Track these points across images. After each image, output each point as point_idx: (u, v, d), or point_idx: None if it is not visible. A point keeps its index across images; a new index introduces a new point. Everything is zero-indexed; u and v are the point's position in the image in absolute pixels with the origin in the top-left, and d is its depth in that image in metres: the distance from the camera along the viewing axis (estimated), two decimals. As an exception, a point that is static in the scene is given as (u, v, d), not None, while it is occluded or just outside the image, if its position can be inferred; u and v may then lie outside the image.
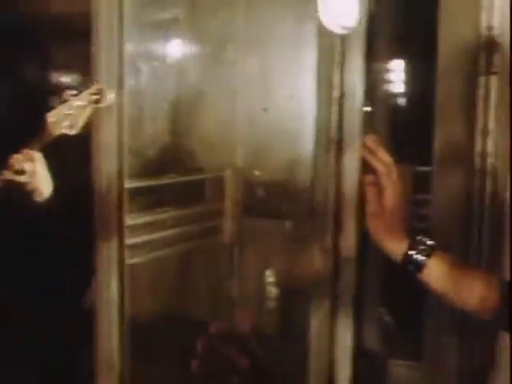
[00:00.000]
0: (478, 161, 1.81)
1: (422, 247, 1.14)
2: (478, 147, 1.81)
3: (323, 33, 1.95)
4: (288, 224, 2.17)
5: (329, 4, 1.57)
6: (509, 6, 1.69)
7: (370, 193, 1.09)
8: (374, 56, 2.12)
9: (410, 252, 1.14)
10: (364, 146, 1.11)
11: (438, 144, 1.89)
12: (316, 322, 2.03)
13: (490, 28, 1.74)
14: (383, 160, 1.09)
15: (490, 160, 1.80)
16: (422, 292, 1.98)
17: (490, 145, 1.79)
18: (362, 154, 1.10)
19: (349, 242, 2.01)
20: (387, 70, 2.22)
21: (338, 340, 1.91)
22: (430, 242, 1.14)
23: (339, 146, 1.99)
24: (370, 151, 1.10)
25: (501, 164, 1.81)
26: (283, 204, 2.23)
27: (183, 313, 2.10)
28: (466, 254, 1.81)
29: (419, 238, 1.14)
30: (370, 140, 1.10)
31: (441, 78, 1.89)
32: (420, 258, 1.14)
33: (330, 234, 1.94)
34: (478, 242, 1.84)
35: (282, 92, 2.15)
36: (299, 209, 2.15)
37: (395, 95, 2.29)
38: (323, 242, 1.97)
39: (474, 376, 1.92)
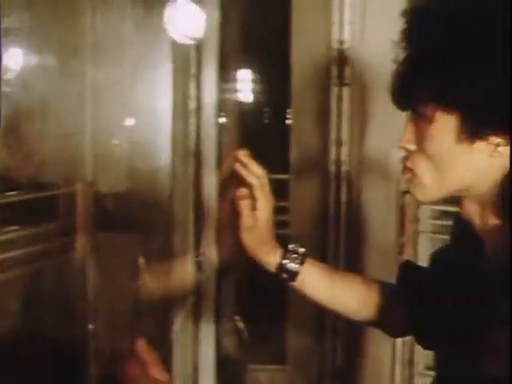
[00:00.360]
0: (332, 168, 1.90)
1: (295, 255, 1.16)
2: (333, 155, 1.89)
3: (178, 44, 1.94)
4: (146, 236, 2.13)
5: (174, 14, 1.57)
6: (359, 20, 1.80)
7: (244, 206, 1.09)
8: (229, 68, 2.15)
9: (284, 261, 1.16)
10: (236, 159, 1.11)
11: (293, 153, 1.96)
12: (180, 330, 2.02)
13: (340, 42, 1.84)
14: (256, 173, 1.10)
15: (344, 167, 1.89)
16: (285, 299, 2.03)
17: (343, 153, 1.89)
18: (235, 168, 1.10)
19: (209, 253, 2.01)
20: (242, 82, 2.25)
21: (201, 347, 1.91)
22: (301, 250, 1.17)
23: (197, 158, 1.99)
24: (243, 164, 1.11)
25: (354, 171, 1.91)
26: (142, 216, 2.18)
27: (34, 333, 1.98)
28: (324, 259, 1.88)
29: (291, 246, 1.16)
30: (242, 154, 1.11)
31: (294, 90, 1.95)
32: (293, 266, 1.16)
33: (190, 245, 1.93)
34: (335, 247, 1.92)
35: (138, 103, 2.11)
36: (158, 221, 2.11)
37: (251, 106, 2.33)
38: (184, 254, 1.96)
39: (335, 376, 2.01)
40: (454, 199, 0.98)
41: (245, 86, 2.32)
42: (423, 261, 2.02)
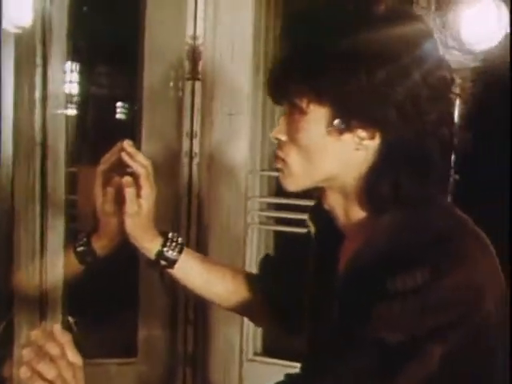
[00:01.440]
0: (185, 161, 1.94)
1: (174, 244, 1.20)
2: (185, 148, 1.94)
3: (21, 34, 1.89)
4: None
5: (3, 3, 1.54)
6: (211, 16, 1.85)
7: (129, 193, 1.11)
8: (77, 59, 2.12)
9: (164, 249, 1.20)
10: (121, 149, 1.13)
11: (145, 145, 1.97)
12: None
13: (194, 37, 1.88)
14: (141, 162, 1.13)
15: (196, 160, 1.93)
16: (136, 289, 2.04)
17: (195, 146, 1.93)
18: (121, 157, 1.12)
19: (55, 245, 1.96)
20: (92, 74, 2.22)
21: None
22: (180, 239, 1.21)
23: (43, 149, 1.94)
24: (128, 154, 1.13)
25: (204, 163, 1.96)
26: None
27: None
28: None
29: (171, 235, 1.20)
30: (127, 144, 1.13)
31: (146, 84, 1.97)
32: (172, 253, 1.21)
33: (36, 241, 1.88)
34: (186, 238, 1.96)
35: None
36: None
37: (102, 98, 2.31)
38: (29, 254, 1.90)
39: (186, 364, 2.04)
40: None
41: (95, 78, 2.29)
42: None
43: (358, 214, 0.98)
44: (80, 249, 1.24)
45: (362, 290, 0.92)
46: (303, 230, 1.31)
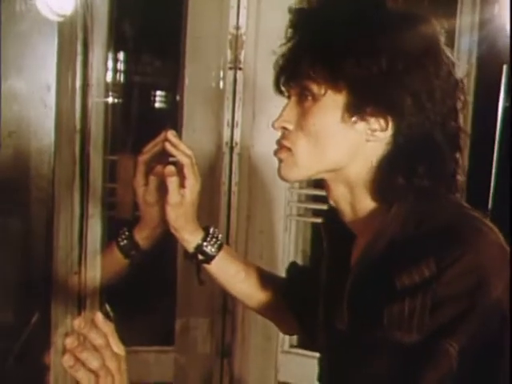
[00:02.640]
0: (226, 151, 1.93)
1: (214, 240, 1.19)
2: (226, 138, 1.93)
3: (64, 21, 1.90)
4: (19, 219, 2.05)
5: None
6: (254, 5, 1.84)
7: (172, 183, 1.11)
8: (119, 48, 2.12)
9: (204, 243, 1.19)
10: (165, 139, 1.12)
11: (185, 134, 1.97)
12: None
13: (236, 26, 1.87)
14: (186, 152, 1.12)
15: (236, 150, 1.93)
16: (173, 279, 2.04)
17: (236, 136, 1.93)
18: (165, 147, 1.12)
19: (94, 234, 1.97)
20: (133, 63, 2.23)
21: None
22: (220, 236, 1.21)
23: (83, 137, 1.95)
24: (172, 144, 1.12)
25: (245, 153, 1.95)
26: (17, 196, 2.10)
27: None
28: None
29: (212, 230, 1.19)
30: (171, 134, 1.12)
31: (188, 73, 1.97)
32: (211, 249, 1.20)
33: (75, 229, 1.89)
34: (227, 229, 1.96)
35: (17, 80, 2.03)
36: (37, 200, 2.04)
37: (143, 87, 2.32)
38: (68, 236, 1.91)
39: (223, 355, 2.05)
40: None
41: (136, 67, 2.30)
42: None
43: (365, 207, 0.96)
44: (123, 243, 1.24)
45: (372, 287, 0.90)
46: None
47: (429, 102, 0.89)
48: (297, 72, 0.94)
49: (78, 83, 2.05)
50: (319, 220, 2.02)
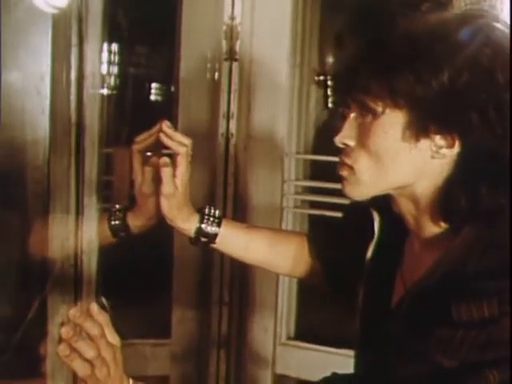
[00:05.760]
0: (222, 141, 1.92)
1: (212, 219, 1.19)
2: (222, 129, 1.92)
3: (58, 13, 1.89)
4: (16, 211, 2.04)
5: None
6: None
7: (166, 173, 1.10)
8: (114, 39, 2.11)
9: (202, 225, 1.19)
10: (160, 130, 1.13)
11: (181, 126, 1.96)
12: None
13: (232, 17, 1.86)
14: (182, 141, 1.11)
15: (232, 141, 1.92)
16: (169, 271, 2.04)
17: (232, 127, 1.92)
18: (160, 138, 1.11)
19: (90, 225, 1.96)
20: (128, 54, 2.22)
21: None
22: (217, 212, 1.20)
23: (78, 128, 1.94)
24: (167, 135, 1.12)
25: (241, 145, 1.95)
26: (13, 189, 2.08)
27: None
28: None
29: (207, 210, 1.18)
30: (166, 125, 1.12)
31: (183, 64, 1.96)
32: (212, 228, 1.19)
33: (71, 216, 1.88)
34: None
35: (11, 71, 2.02)
36: (32, 193, 2.03)
37: (136, 79, 2.31)
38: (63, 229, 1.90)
39: (220, 346, 2.04)
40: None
41: (131, 58, 2.29)
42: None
43: (430, 226, 0.93)
44: (114, 223, 1.24)
45: (427, 309, 0.87)
46: (338, 215, 1.28)
47: (497, 117, 0.84)
48: (352, 86, 0.90)
49: (73, 75, 2.04)
50: (316, 212, 2.05)
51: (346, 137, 0.93)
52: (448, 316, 0.82)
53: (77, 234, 1.63)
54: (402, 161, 0.89)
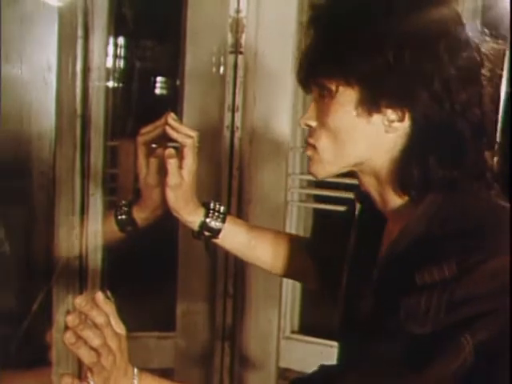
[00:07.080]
0: (227, 134, 1.93)
1: (217, 214, 1.20)
2: (227, 122, 1.93)
3: (64, 5, 1.89)
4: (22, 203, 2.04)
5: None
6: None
7: (172, 165, 1.11)
8: (120, 33, 2.11)
9: (207, 220, 1.20)
10: (166, 123, 1.13)
11: (186, 119, 1.97)
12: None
13: (237, 10, 1.86)
14: (188, 133, 1.12)
15: (237, 134, 1.92)
16: (174, 263, 2.05)
17: (237, 120, 1.92)
18: (166, 131, 1.12)
19: (95, 216, 1.97)
20: (134, 47, 2.22)
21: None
22: (222, 208, 1.21)
23: (84, 120, 1.95)
24: (173, 128, 1.12)
25: (246, 138, 1.95)
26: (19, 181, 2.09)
27: None
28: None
29: (213, 205, 1.19)
30: (171, 118, 1.13)
31: (188, 57, 1.96)
32: (216, 224, 1.20)
33: (76, 212, 1.89)
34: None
35: (17, 64, 2.02)
36: (38, 185, 2.04)
37: (141, 72, 2.31)
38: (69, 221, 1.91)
39: (224, 338, 2.05)
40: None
41: (137, 51, 2.29)
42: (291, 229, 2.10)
43: (394, 199, 0.96)
44: (121, 217, 1.24)
45: (396, 279, 0.90)
46: (343, 208, 1.29)
47: (444, 91, 0.87)
48: (313, 69, 0.95)
49: (79, 67, 2.04)
50: (321, 206, 2.05)
51: (308, 118, 0.98)
52: (413, 283, 0.85)
53: (82, 226, 1.64)
54: (358, 136, 0.93)
